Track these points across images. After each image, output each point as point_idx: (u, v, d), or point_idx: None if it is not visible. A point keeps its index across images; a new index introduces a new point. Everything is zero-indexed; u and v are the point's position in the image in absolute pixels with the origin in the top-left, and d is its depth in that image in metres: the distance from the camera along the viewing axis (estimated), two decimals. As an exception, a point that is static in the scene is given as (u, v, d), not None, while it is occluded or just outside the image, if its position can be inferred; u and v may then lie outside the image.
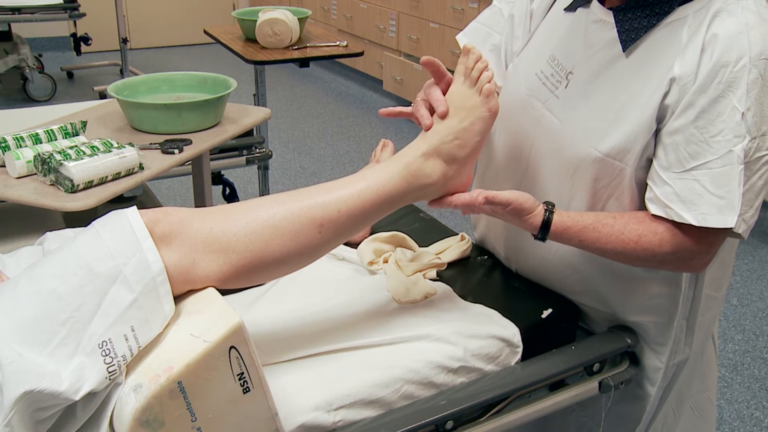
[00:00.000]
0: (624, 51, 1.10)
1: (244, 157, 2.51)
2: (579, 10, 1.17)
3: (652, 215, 1.08)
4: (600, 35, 1.13)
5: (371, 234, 1.40)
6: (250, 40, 2.87)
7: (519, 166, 1.25)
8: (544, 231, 1.10)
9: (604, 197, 1.14)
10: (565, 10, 1.20)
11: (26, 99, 4.82)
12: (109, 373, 0.82)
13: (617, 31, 1.10)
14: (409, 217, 1.55)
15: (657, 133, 1.08)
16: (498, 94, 1.09)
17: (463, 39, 1.35)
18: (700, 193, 1.03)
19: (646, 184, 1.10)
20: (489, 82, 1.09)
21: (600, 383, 1.20)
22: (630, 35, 1.09)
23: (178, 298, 0.91)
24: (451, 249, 1.39)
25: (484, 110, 1.09)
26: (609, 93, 1.11)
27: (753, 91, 1.00)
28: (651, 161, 1.09)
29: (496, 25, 1.33)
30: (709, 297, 1.25)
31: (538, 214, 1.10)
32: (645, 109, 1.07)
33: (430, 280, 1.26)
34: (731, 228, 1.03)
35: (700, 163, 1.03)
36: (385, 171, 1.06)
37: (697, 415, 1.39)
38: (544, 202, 1.12)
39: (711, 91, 1.01)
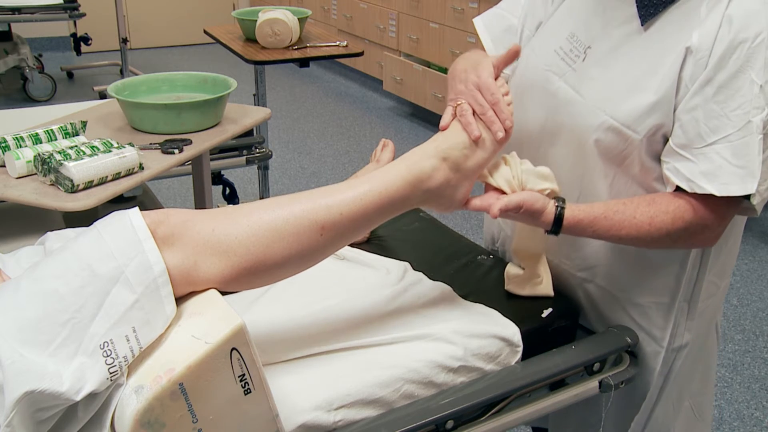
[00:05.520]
0: (642, 25, 1.13)
1: (244, 157, 2.51)
2: None
3: (668, 193, 1.11)
4: (619, 11, 1.17)
5: (373, 235, 1.39)
6: (250, 40, 2.87)
7: (533, 142, 1.28)
8: (557, 226, 1.13)
9: (615, 168, 1.17)
10: None
11: (26, 99, 4.82)
12: (111, 374, 0.82)
13: (636, 6, 1.13)
14: (409, 217, 1.54)
15: (674, 111, 1.10)
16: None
17: (479, 22, 1.39)
18: (721, 165, 1.05)
19: (659, 159, 1.13)
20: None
21: (600, 383, 1.20)
22: (649, 10, 1.12)
23: (179, 300, 0.91)
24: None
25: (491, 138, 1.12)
26: (627, 64, 1.14)
27: None
28: (665, 138, 1.12)
29: (513, 10, 1.38)
30: (711, 283, 1.27)
31: (550, 212, 1.12)
32: (663, 80, 1.09)
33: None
34: (747, 198, 1.06)
35: (721, 136, 1.05)
36: (389, 174, 1.05)
37: (696, 415, 1.40)
38: (554, 198, 1.14)
39: (730, 66, 1.04)
